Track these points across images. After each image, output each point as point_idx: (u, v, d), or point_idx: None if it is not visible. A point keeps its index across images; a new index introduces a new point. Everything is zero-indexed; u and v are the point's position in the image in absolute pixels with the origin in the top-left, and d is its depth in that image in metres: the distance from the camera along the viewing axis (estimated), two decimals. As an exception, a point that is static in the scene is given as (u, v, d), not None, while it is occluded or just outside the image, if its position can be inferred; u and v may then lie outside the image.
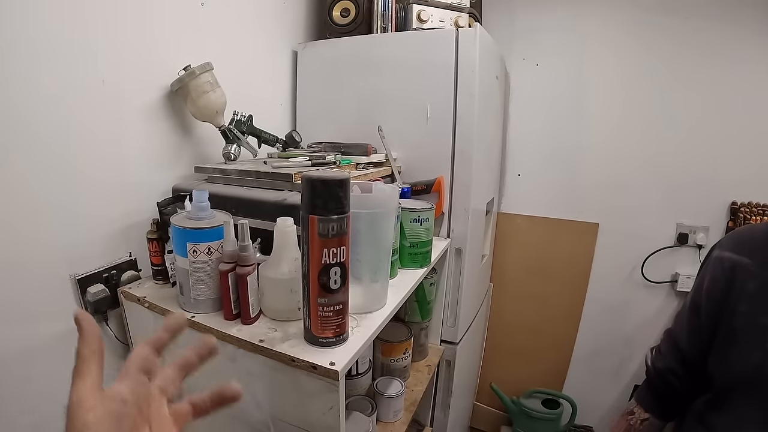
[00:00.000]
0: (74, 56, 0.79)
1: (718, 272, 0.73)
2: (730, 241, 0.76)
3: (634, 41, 1.59)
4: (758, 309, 0.67)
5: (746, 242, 0.73)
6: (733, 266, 0.71)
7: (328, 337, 0.65)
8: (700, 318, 0.74)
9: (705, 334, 0.73)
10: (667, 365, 0.80)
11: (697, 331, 0.75)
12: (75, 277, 0.84)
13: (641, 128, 1.64)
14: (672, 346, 0.80)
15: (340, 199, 0.59)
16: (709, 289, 0.73)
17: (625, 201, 1.72)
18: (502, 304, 2.03)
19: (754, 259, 0.69)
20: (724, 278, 0.72)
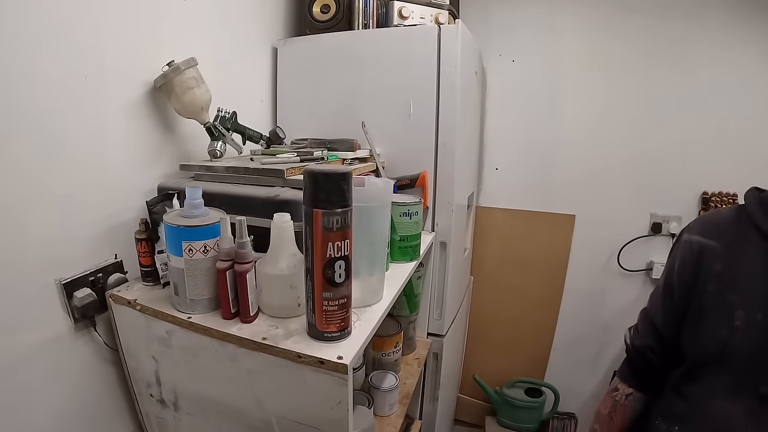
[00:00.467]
0: (58, 50, 0.76)
1: (687, 254, 0.78)
2: (697, 226, 0.81)
3: (609, 38, 1.65)
4: (724, 287, 0.72)
5: (713, 226, 0.78)
6: (701, 249, 0.76)
7: (332, 331, 0.65)
8: (673, 298, 0.79)
9: (678, 313, 0.78)
10: (644, 343, 0.85)
11: (670, 310, 0.80)
12: (60, 282, 0.81)
13: (615, 122, 1.71)
14: (648, 325, 0.85)
15: (343, 192, 0.59)
16: (680, 270, 0.78)
17: (600, 192, 1.78)
18: (483, 297, 2.07)
19: (720, 242, 0.75)
20: (693, 260, 0.77)
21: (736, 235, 0.74)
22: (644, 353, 0.85)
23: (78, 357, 0.86)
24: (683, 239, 0.81)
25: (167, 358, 0.80)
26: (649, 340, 0.84)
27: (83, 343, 0.87)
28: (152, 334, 0.80)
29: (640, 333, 0.86)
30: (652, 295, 0.87)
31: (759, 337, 0.67)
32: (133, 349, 0.86)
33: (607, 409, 0.91)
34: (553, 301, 1.97)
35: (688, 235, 0.80)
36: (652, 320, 0.84)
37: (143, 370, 0.86)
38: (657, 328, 0.83)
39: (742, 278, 0.71)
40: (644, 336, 0.85)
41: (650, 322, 0.84)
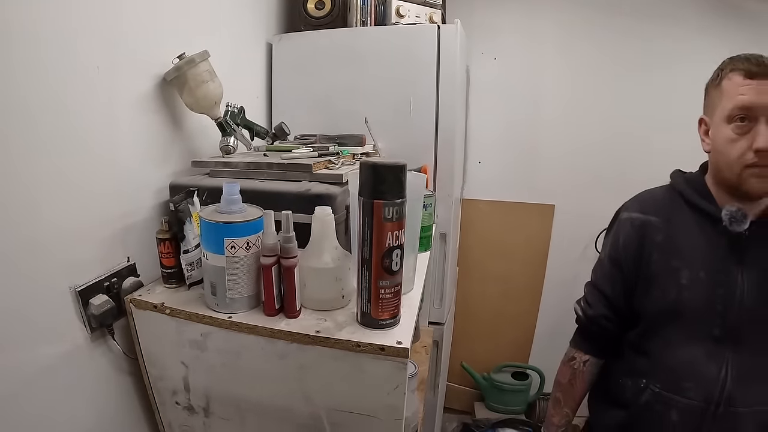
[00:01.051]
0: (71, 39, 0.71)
1: (630, 230, 0.88)
2: (636, 204, 0.92)
3: (585, 37, 1.75)
4: (667, 255, 0.84)
5: (650, 203, 0.90)
6: (642, 224, 0.87)
7: (386, 319, 0.66)
8: (621, 270, 0.89)
9: (628, 282, 0.88)
10: (598, 312, 0.93)
11: (620, 280, 0.90)
12: (75, 289, 0.76)
13: (590, 116, 1.82)
14: (599, 296, 0.94)
15: (402, 183, 0.60)
16: (626, 245, 0.89)
17: (578, 183, 1.89)
18: (468, 287, 2.13)
19: (659, 216, 0.86)
20: (636, 235, 0.87)
21: (671, 210, 0.86)
22: (599, 322, 0.94)
23: (95, 369, 0.81)
24: (623, 217, 0.92)
25: (200, 362, 0.77)
26: (602, 310, 0.93)
27: (100, 354, 0.82)
28: (183, 339, 0.76)
29: (592, 304, 0.95)
30: (597, 268, 0.97)
31: (704, 290, 0.80)
32: (157, 356, 0.82)
33: (567, 377, 1.00)
34: (536, 288, 2.07)
35: (628, 213, 0.91)
36: (601, 291, 0.93)
37: (169, 377, 0.82)
38: (608, 297, 0.92)
39: (682, 245, 0.83)
40: (596, 306, 0.94)
41: (600, 293, 0.94)
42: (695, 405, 0.80)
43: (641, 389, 0.85)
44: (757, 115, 0.74)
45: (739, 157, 0.76)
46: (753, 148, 0.74)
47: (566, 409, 1.00)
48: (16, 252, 0.66)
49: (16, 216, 0.65)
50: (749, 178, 0.76)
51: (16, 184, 0.65)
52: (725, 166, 0.79)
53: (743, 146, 0.75)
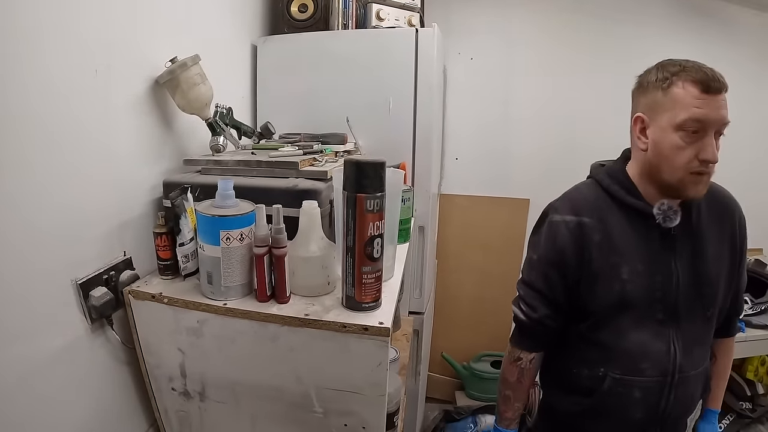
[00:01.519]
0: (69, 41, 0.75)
1: (566, 232, 0.90)
2: (566, 205, 0.94)
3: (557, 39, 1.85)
4: (606, 253, 0.88)
5: (581, 204, 0.92)
6: (578, 226, 0.90)
7: (369, 301, 0.73)
8: (559, 270, 0.92)
9: (568, 282, 0.91)
10: (541, 314, 0.95)
11: (557, 280, 0.93)
12: (76, 282, 0.80)
13: (562, 114, 1.92)
14: (537, 297, 0.95)
15: (381, 178, 0.68)
16: (563, 247, 0.91)
17: (552, 178, 1.96)
18: (447, 278, 2.21)
19: (592, 217, 0.90)
20: (573, 237, 0.90)
21: (602, 209, 0.90)
22: (544, 322, 0.95)
23: (94, 360, 0.85)
24: (556, 219, 0.93)
25: (196, 349, 0.83)
26: (544, 310, 0.95)
27: (99, 345, 0.86)
28: (180, 326, 0.82)
29: (533, 306, 0.96)
30: (531, 270, 0.98)
31: (644, 281, 0.87)
32: (155, 344, 0.87)
33: (515, 376, 1.02)
34: (512, 279, 2.10)
35: (560, 216, 0.93)
36: (540, 292, 0.95)
37: (165, 365, 0.88)
38: (548, 298, 0.94)
39: (618, 242, 0.88)
40: (538, 308, 0.95)
41: (539, 294, 0.95)
42: (654, 380, 0.88)
43: (601, 377, 0.91)
44: (707, 128, 0.78)
45: (685, 164, 0.80)
46: (700, 158, 0.79)
47: (517, 403, 1.05)
48: (21, 247, 0.70)
49: (20, 214, 0.69)
50: (689, 184, 0.82)
51: (19, 182, 0.69)
52: (668, 170, 0.82)
53: (690, 155, 0.79)
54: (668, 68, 0.82)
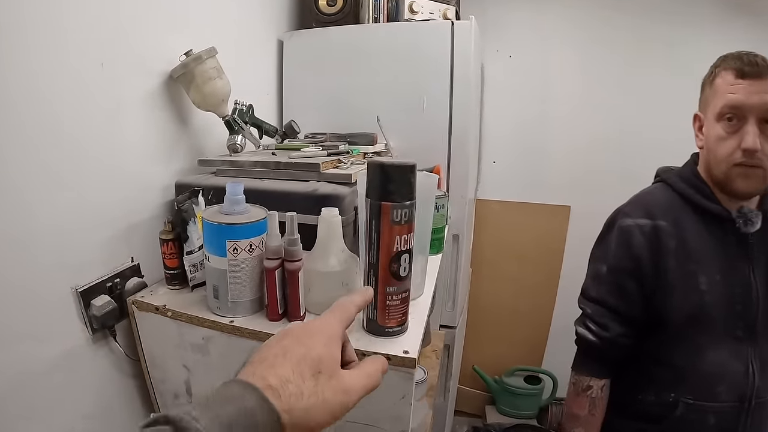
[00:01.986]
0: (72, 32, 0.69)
1: (640, 237, 0.83)
2: (638, 209, 0.87)
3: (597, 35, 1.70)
4: (683, 259, 0.81)
5: (655, 208, 0.85)
6: (652, 230, 0.83)
7: (393, 326, 0.63)
8: (635, 280, 0.84)
9: (646, 293, 0.83)
10: (614, 333, 0.86)
11: (634, 291, 0.84)
12: (77, 290, 0.74)
13: (604, 114, 1.76)
14: (610, 314, 0.86)
15: (411, 184, 0.57)
16: (639, 253, 0.83)
17: (596, 184, 1.83)
18: (480, 288, 2.09)
19: (667, 221, 0.83)
20: (648, 242, 0.83)
21: (676, 212, 0.84)
22: (618, 342, 0.86)
23: (96, 371, 0.80)
24: (627, 224, 0.85)
25: (202, 366, 0.76)
26: (618, 328, 0.86)
27: (101, 355, 0.80)
28: (185, 342, 0.75)
29: (605, 325, 0.87)
30: (600, 284, 0.89)
31: (723, 292, 0.79)
32: (160, 358, 0.80)
33: (585, 409, 0.90)
34: (550, 289, 2.01)
35: (632, 219, 0.85)
36: (612, 308, 0.86)
37: (171, 380, 0.81)
38: (621, 313, 0.86)
39: (694, 249, 0.81)
40: (610, 327, 0.86)
41: (612, 311, 0.86)
42: (730, 406, 0.80)
43: (672, 403, 0.82)
44: (746, 114, 0.74)
45: (727, 155, 0.76)
46: (741, 147, 0.75)
47: None
48: (15, 251, 0.64)
49: (11, 215, 0.64)
50: (736, 178, 0.77)
51: (10, 180, 0.63)
52: (714, 163, 0.79)
53: (732, 145, 0.76)
54: (716, 62, 0.82)
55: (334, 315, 0.39)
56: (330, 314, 0.39)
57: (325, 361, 0.34)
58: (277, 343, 0.34)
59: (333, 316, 0.39)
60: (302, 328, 0.36)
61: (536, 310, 2.04)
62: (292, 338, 0.35)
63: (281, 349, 0.33)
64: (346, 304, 0.41)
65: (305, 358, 0.33)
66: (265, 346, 0.35)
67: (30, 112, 0.65)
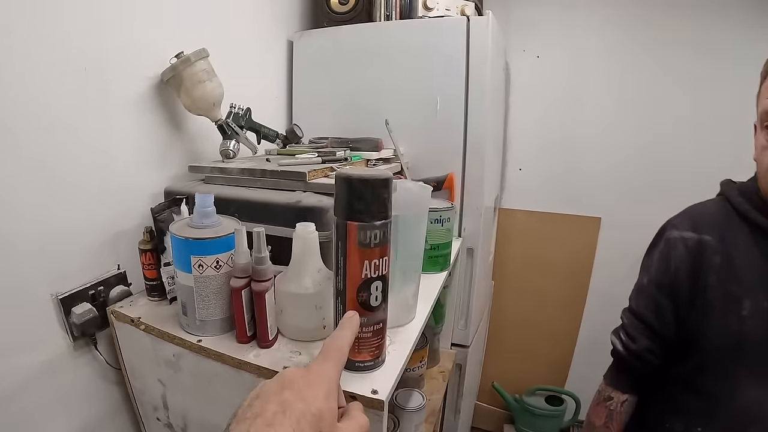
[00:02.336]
0: (52, 35, 0.67)
1: (683, 252, 0.77)
2: (686, 221, 0.80)
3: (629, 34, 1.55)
4: (726, 279, 0.73)
5: (703, 221, 0.79)
6: (697, 244, 0.76)
7: (365, 360, 0.57)
8: (672, 298, 0.78)
9: (680, 311, 0.77)
10: (642, 346, 0.81)
11: (669, 309, 0.78)
12: (57, 297, 0.73)
13: (638, 120, 1.61)
14: (642, 328, 0.82)
15: (384, 201, 0.51)
16: (678, 269, 0.77)
17: (628, 194, 1.68)
18: (503, 302, 1.98)
19: (713, 236, 0.75)
20: (690, 256, 0.76)
21: (727, 228, 0.76)
22: (644, 356, 0.81)
23: (78, 377, 0.78)
24: (673, 236, 0.80)
25: (175, 383, 0.72)
26: (646, 342, 0.81)
27: (84, 363, 0.79)
28: (159, 357, 0.71)
29: (634, 337, 0.83)
30: (639, 296, 0.84)
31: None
32: (139, 370, 0.78)
33: (602, 419, 0.87)
34: (577, 306, 1.88)
35: (679, 232, 0.80)
36: (646, 322, 0.81)
37: (149, 393, 0.78)
38: (653, 328, 0.80)
39: (741, 269, 0.73)
40: (640, 340, 0.82)
41: (645, 325, 0.82)
42: None
43: None
44: None
45: None
46: None
47: None
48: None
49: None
50: None
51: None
52: (761, 176, 0.72)
53: None
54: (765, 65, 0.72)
55: (331, 361, 0.37)
56: (327, 360, 0.37)
57: (325, 417, 0.32)
58: (275, 395, 0.32)
59: (330, 362, 0.36)
60: (303, 379, 0.34)
61: (561, 327, 1.91)
62: (292, 392, 0.32)
63: (280, 405, 0.31)
64: (340, 345, 0.39)
65: (305, 415, 0.31)
66: (262, 396, 0.32)
67: (12, 115, 0.63)
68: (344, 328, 0.42)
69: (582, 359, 1.91)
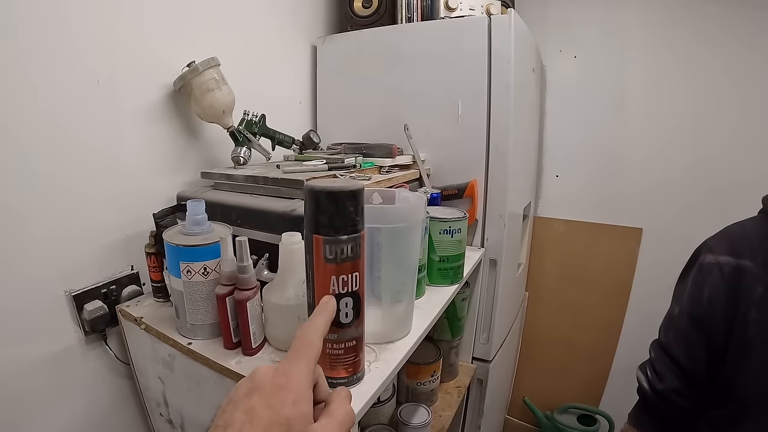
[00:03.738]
0: (65, 53, 0.72)
1: (718, 280, 0.68)
2: (723, 244, 0.71)
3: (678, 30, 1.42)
4: None
5: (742, 244, 0.68)
6: (734, 272, 0.66)
7: (339, 377, 0.55)
8: (704, 332, 0.69)
9: (714, 349, 0.68)
10: (668, 386, 0.73)
11: (702, 346, 0.70)
12: (70, 294, 0.77)
13: (686, 125, 1.47)
14: (670, 365, 0.73)
15: (350, 215, 0.49)
16: (712, 299, 0.68)
17: (672, 204, 1.54)
18: (537, 315, 1.89)
19: (755, 261, 0.65)
20: (726, 286, 0.67)
21: None
22: (669, 398, 0.73)
23: (89, 370, 0.83)
24: (707, 261, 0.70)
25: (172, 381, 0.75)
26: (674, 382, 0.72)
27: (95, 356, 0.83)
28: (157, 355, 0.74)
29: (661, 375, 0.74)
30: (669, 328, 0.75)
31: None
32: (143, 366, 0.81)
33: None
34: (615, 323, 1.75)
35: (714, 256, 0.70)
36: (675, 359, 0.73)
37: (152, 389, 0.81)
38: (683, 367, 0.72)
39: None
40: (667, 378, 0.73)
41: (673, 362, 0.73)
42: None
43: None
44: None
45: None
46: None
47: None
48: (10, 253, 0.68)
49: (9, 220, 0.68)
50: None
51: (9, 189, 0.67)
52: None
53: None
54: None
55: (301, 359, 0.35)
56: (297, 359, 0.35)
57: (294, 424, 0.31)
58: (244, 400, 0.31)
59: (301, 361, 0.35)
60: (271, 382, 0.32)
61: (598, 344, 1.79)
62: (258, 397, 0.31)
63: (247, 414, 0.30)
64: (310, 337, 0.36)
65: (273, 423, 0.30)
66: (233, 401, 0.32)
67: (28, 125, 0.68)
68: (317, 315, 0.39)
69: (618, 379, 1.78)
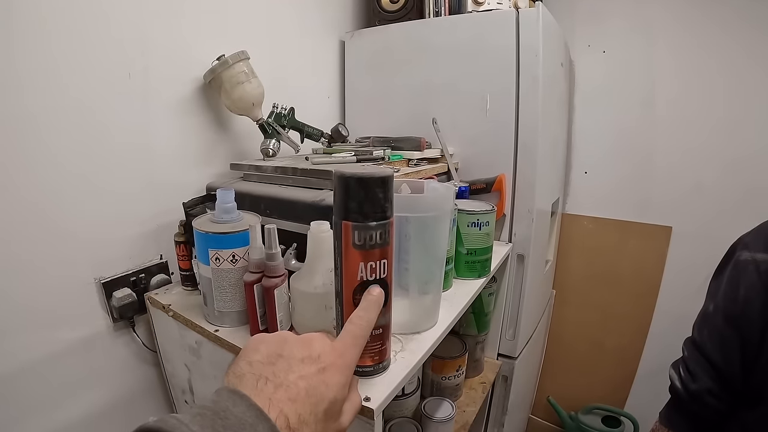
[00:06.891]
0: (97, 47, 0.74)
1: (755, 278, 0.67)
2: (759, 241, 0.69)
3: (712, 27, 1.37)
4: None
5: None
6: None
7: (365, 365, 0.54)
8: (739, 331, 0.68)
9: (750, 348, 0.67)
10: (702, 386, 0.72)
11: (737, 346, 0.69)
12: (100, 281, 0.79)
13: (719, 121, 1.41)
14: (704, 364, 0.72)
15: (379, 201, 0.48)
16: (747, 298, 0.67)
17: (703, 202, 1.49)
18: (564, 313, 1.85)
19: None
20: (762, 284, 0.66)
21: None
22: (702, 398, 0.72)
23: (116, 356, 0.85)
24: (743, 258, 0.69)
25: (198, 369, 0.76)
26: (707, 382, 0.71)
27: (122, 343, 0.85)
28: (184, 343, 0.75)
29: (695, 374, 0.73)
30: (703, 325, 0.75)
31: None
32: (170, 354, 0.83)
33: None
34: (642, 323, 1.69)
35: (750, 253, 0.69)
36: (709, 358, 0.72)
37: (178, 376, 0.83)
38: (717, 367, 0.71)
39: None
40: (701, 378, 0.72)
41: (707, 361, 0.72)
42: None
43: None
44: None
45: None
46: None
47: None
48: (44, 240, 0.71)
49: (44, 210, 0.70)
50: None
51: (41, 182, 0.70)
52: None
53: None
54: None
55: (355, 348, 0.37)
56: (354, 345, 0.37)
57: (338, 405, 0.33)
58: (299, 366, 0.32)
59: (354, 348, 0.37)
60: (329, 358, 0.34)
61: (624, 345, 1.73)
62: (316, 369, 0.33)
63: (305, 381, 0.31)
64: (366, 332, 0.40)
65: (324, 400, 0.32)
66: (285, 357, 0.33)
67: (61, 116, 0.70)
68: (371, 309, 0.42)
69: (644, 381, 1.73)
